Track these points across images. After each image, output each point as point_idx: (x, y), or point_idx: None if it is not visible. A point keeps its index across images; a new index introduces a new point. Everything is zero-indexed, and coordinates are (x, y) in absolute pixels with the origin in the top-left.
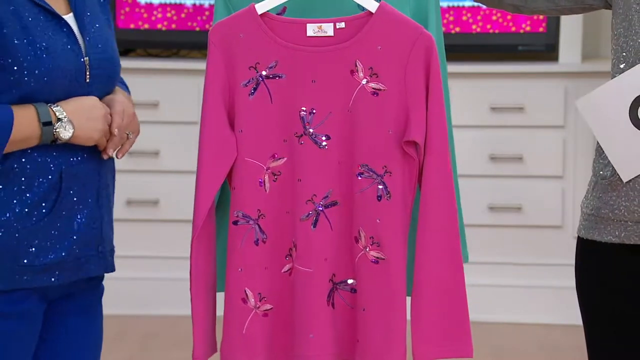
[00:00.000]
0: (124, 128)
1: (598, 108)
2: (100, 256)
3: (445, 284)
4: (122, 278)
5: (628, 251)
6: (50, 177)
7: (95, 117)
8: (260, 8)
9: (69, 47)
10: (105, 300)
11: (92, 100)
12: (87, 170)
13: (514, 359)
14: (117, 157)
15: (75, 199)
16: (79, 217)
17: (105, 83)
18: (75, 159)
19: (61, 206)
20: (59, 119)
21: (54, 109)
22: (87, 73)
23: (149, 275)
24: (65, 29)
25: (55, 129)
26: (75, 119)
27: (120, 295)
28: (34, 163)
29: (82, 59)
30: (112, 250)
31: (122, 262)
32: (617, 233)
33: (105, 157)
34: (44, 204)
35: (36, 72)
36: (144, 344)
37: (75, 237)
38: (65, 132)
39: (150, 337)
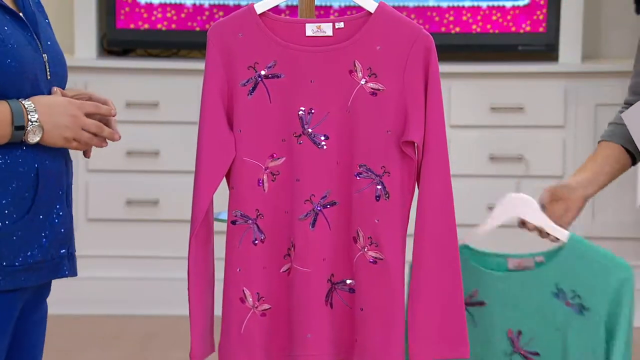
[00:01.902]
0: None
1: None
2: (70, 257)
3: (442, 284)
4: (122, 278)
5: None
6: (27, 175)
7: (64, 124)
8: (260, 7)
9: (30, 43)
10: (105, 300)
11: (64, 102)
12: (58, 169)
13: None
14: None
15: (49, 198)
16: (54, 217)
17: (62, 82)
18: (48, 156)
19: (39, 205)
20: (30, 122)
21: (28, 111)
22: (48, 70)
23: (148, 275)
24: (23, 26)
25: (25, 133)
26: (45, 123)
27: (120, 295)
28: (10, 161)
29: (42, 56)
30: (74, 253)
31: (122, 262)
32: None
33: (87, 156)
34: (21, 204)
35: (5, 66)
36: (143, 344)
37: (50, 238)
38: (33, 137)
39: (149, 337)
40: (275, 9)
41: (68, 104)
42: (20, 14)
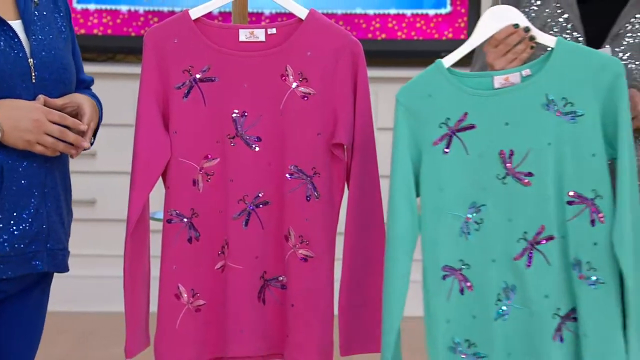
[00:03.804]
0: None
1: None
2: (49, 253)
3: (369, 281)
4: (59, 276)
5: None
6: None
7: (25, 127)
8: (194, 13)
9: (10, 48)
10: None
11: (29, 106)
12: (31, 168)
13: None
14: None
15: (17, 195)
16: (23, 213)
17: (55, 86)
18: (17, 155)
19: (3, 201)
20: None
21: None
22: (33, 74)
23: (86, 273)
24: (10, 33)
25: None
26: (5, 125)
27: (58, 292)
28: None
29: (27, 61)
30: (64, 250)
31: None
32: None
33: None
34: None
35: None
36: (81, 341)
37: (16, 233)
38: None
39: (87, 334)
40: (208, 15)
41: (33, 109)
42: (11, 22)
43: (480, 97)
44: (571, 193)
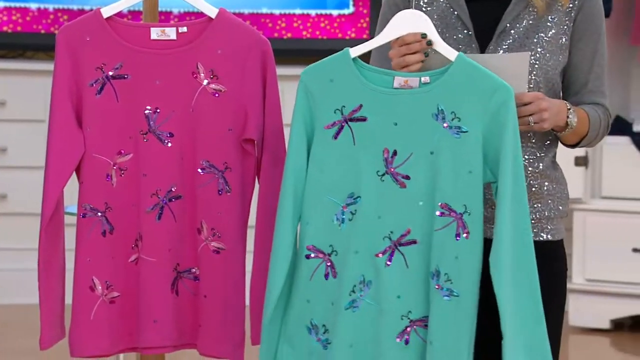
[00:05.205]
0: None
1: None
2: None
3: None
4: None
5: None
6: None
7: None
8: (106, 12)
9: None
10: None
11: None
12: None
13: None
14: None
15: None
16: None
17: None
18: None
19: None
20: None
21: None
22: None
23: None
24: None
25: None
26: None
27: None
28: None
29: None
30: None
31: None
32: None
33: None
34: None
35: None
36: None
37: None
38: None
39: (1, 325)
40: (118, 13)
41: None
42: None
43: (377, 92)
44: (442, 204)
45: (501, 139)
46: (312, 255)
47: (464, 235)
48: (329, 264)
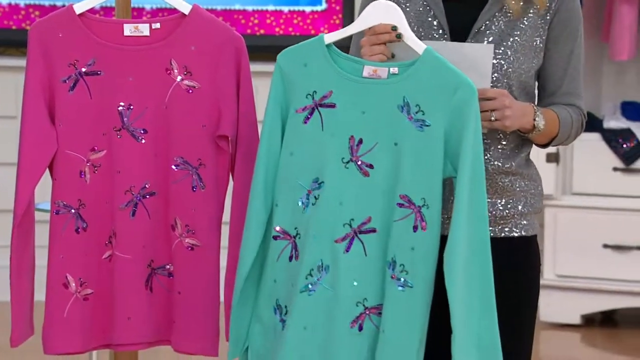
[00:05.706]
0: None
1: None
2: None
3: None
4: None
5: None
6: None
7: None
8: (79, 8)
9: None
10: None
11: None
12: None
13: None
14: None
15: None
16: None
17: None
18: None
19: None
20: None
21: None
22: None
23: None
24: None
25: None
26: None
27: None
28: None
29: None
30: None
31: None
32: None
33: None
34: None
35: None
36: None
37: None
38: None
39: None
40: (90, 9)
41: None
42: None
43: (347, 80)
44: (402, 195)
45: (462, 136)
46: (280, 237)
47: (422, 227)
48: (293, 246)
